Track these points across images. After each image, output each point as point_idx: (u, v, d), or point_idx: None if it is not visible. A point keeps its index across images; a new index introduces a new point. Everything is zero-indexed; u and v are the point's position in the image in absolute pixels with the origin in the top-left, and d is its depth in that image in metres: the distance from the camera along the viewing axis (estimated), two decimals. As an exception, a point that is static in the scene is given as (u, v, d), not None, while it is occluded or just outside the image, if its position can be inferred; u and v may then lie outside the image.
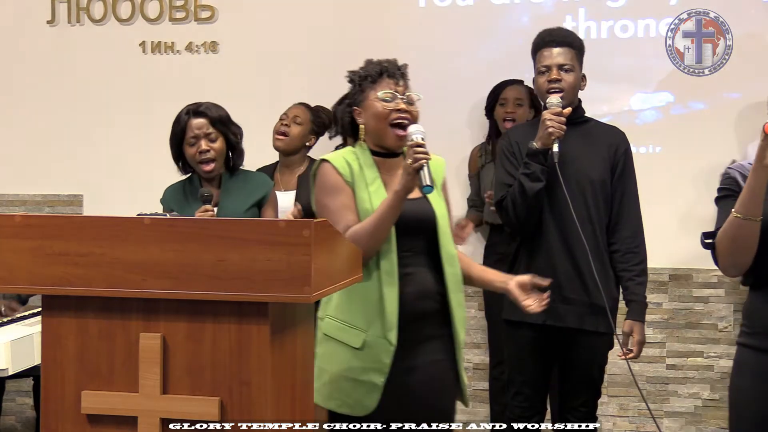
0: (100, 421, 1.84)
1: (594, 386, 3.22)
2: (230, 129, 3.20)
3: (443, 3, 4.53)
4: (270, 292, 1.75)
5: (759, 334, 2.40)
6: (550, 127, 3.01)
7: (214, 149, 3.14)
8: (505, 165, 3.22)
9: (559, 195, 3.04)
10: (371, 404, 2.55)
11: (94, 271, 1.81)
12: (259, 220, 1.93)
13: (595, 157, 3.16)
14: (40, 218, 1.89)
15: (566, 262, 3.12)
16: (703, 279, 4.36)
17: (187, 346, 1.81)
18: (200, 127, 3.15)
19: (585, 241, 3.00)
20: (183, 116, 3.20)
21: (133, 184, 4.73)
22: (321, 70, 4.49)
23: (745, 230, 2.29)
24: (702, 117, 4.36)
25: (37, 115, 4.89)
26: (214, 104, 3.23)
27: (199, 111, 3.18)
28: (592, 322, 3.12)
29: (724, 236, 2.35)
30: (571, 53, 3.15)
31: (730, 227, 2.32)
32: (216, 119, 3.16)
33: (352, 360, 2.56)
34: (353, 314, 2.57)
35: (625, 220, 3.18)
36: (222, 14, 4.75)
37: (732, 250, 2.34)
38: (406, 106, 2.60)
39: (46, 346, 1.87)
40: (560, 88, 3.09)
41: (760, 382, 2.39)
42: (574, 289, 3.12)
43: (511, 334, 3.25)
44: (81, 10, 4.84)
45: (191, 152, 3.15)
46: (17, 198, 4.96)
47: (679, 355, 4.39)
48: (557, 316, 3.11)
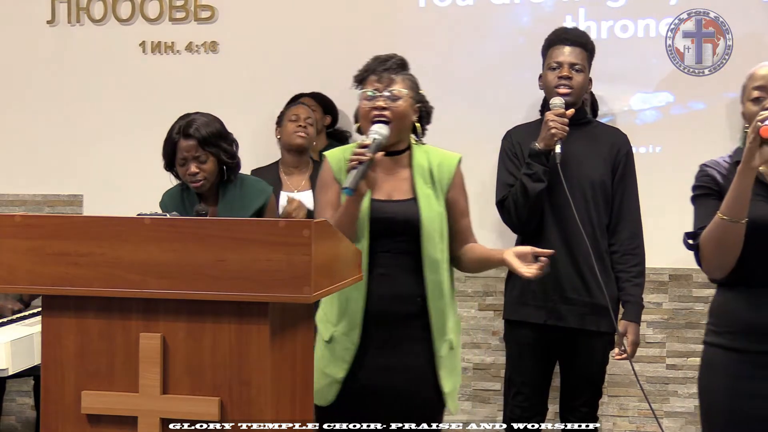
0: (100, 421, 1.84)
1: (595, 386, 3.22)
2: (221, 147, 3.10)
3: (443, 3, 4.53)
4: (270, 292, 1.75)
5: (729, 333, 2.39)
6: (552, 128, 3.01)
7: (204, 170, 3.08)
8: (507, 165, 3.22)
9: (561, 195, 3.05)
10: (330, 397, 2.58)
11: (94, 271, 1.81)
12: (259, 220, 1.93)
13: (597, 159, 3.17)
14: (40, 218, 1.89)
15: (567, 262, 3.12)
16: (703, 279, 4.35)
17: (187, 346, 1.81)
18: (189, 150, 3.07)
19: (587, 241, 3.01)
20: (174, 136, 3.13)
21: (133, 185, 4.72)
22: (321, 71, 4.49)
23: (731, 232, 2.28)
24: (702, 117, 4.36)
25: (37, 115, 4.89)
26: (205, 120, 3.12)
27: (187, 133, 3.08)
28: (593, 321, 3.13)
29: (709, 238, 2.33)
30: (583, 54, 3.17)
31: (715, 229, 2.31)
32: (205, 139, 3.06)
33: (323, 350, 2.60)
34: (330, 307, 2.60)
35: (625, 221, 3.19)
36: (222, 14, 4.75)
37: (717, 251, 2.33)
38: (385, 102, 2.54)
39: (46, 346, 1.87)
40: (570, 86, 3.10)
41: (730, 380, 2.38)
42: (574, 288, 3.12)
43: (511, 334, 3.26)
44: (81, 10, 4.84)
45: (182, 171, 3.12)
46: (17, 198, 4.96)
47: (679, 355, 4.39)
48: (558, 315, 3.12)
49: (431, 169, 2.64)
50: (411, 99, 2.61)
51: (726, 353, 2.39)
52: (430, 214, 2.58)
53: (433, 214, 2.58)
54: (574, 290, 3.12)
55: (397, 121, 2.56)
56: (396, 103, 2.56)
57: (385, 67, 2.60)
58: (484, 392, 4.45)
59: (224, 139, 3.14)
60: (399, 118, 2.56)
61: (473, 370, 4.51)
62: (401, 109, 2.57)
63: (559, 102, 3.06)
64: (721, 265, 2.35)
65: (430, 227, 2.56)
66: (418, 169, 2.63)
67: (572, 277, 3.12)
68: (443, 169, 2.64)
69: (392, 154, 2.63)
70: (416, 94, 2.64)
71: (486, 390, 4.38)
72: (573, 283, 3.12)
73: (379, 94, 2.56)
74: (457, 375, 2.70)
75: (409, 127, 2.65)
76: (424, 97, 2.70)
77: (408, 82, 2.62)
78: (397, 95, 2.56)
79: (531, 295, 3.16)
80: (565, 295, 3.11)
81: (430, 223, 2.57)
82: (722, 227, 2.28)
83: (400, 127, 2.59)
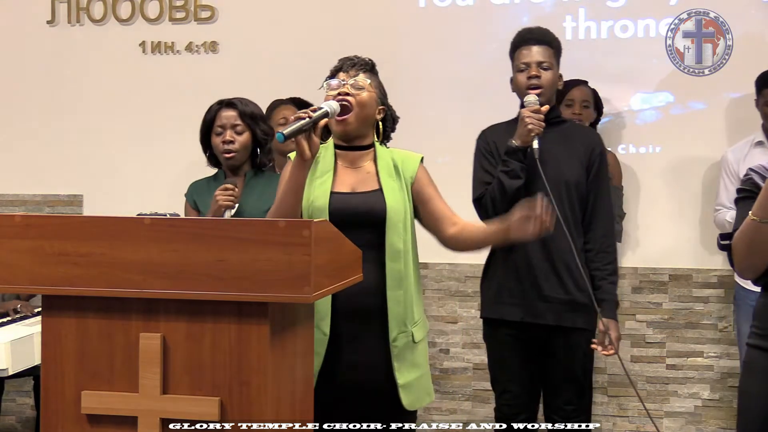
0: (100, 421, 1.84)
1: (577, 383, 3.22)
2: (259, 125, 3.23)
3: (443, 3, 4.53)
4: (270, 292, 1.75)
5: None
6: (529, 124, 3.05)
7: (239, 141, 3.18)
8: (483, 164, 3.26)
9: (537, 192, 3.08)
10: None
11: (94, 271, 1.81)
12: (259, 220, 1.93)
13: (572, 158, 3.20)
14: (40, 218, 1.89)
15: (543, 259, 3.15)
16: (703, 279, 4.36)
17: (186, 346, 1.81)
18: (228, 118, 3.20)
19: (570, 237, 3.02)
20: (214, 107, 3.26)
21: (133, 184, 4.73)
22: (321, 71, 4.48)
23: (762, 233, 2.27)
24: (702, 117, 4.36)
25: (37, 115, 4.90)
26: (250, 101, 3.29)
27: (231, 102, 3.24)
28: (570, 318, 3.15)
29: (740, 239, 2.33)
30: (549, 52, 3.20)
31: (746, 230, 2.30)
32: (245, 113, 3.20)
33: None
34: None
35: (598, 220, 3.22)
36: (222, 14, 4.75)
37: (749, 252, 2.32)
38: (348, 89, 2.59)
39: (46, 346, 1.87)
40: (539, 85, 3.14)
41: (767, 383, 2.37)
42: (551, 286, 3.14)
43: (491, 333, 3.27)
44: (81, 10, 4.85)
45: (216, 141, 3.20)
46: (17, 198, 4.96)
47: (679, 355, 4.39)
48: (535, 313, 3.14)
49: (395, 164, 2.68)
50: (374, 93, 2.66)
51: (764, 355, 2.39)
52: (395, 205, 2.60)
53: (398, 204, 2.61)
54: (551, 288, 3.14)
55: (358, 109, 2.60)
56: (358, 91, 2.61)
57: (352, 63, 2.67)
58: (483, 392, 4.45)
59: (263, 120, 3.29)
60: (360, 106, 2.61)
61: (473, 370, 4.52)
62: (363, 98, 2.62)
63: (533, 99, 3.10)
64: (753, 265, 2.34)
65: (395, 217, 2.58)
66: (383, 163, 2.67)
67: (548, 274, 3.14)
68: (407, 165, 2.68)
69: (356, 149, 2.67)
70: (381, 94, 2.70)
71: (486, 390, 4.38)
72: (549, 280, 3.14)
73: (344, 83, 2.61)
74: (418, 370, 2.64)
75: (372, 122, 2.69)
76: (389, 105, 2.75)
77: (374, 80, 2.68)
78: (360, 85, 2.62)
79: (507, 293, 3.18)
80: (542, 293, 3.14)
81: (395, 213, 2.59)
82: (753, 228, 2.28)
83: (360, 116, 2.62)
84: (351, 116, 2.60)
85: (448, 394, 4.60)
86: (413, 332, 2.61)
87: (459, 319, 4.58)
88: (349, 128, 2.62)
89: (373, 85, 2.66)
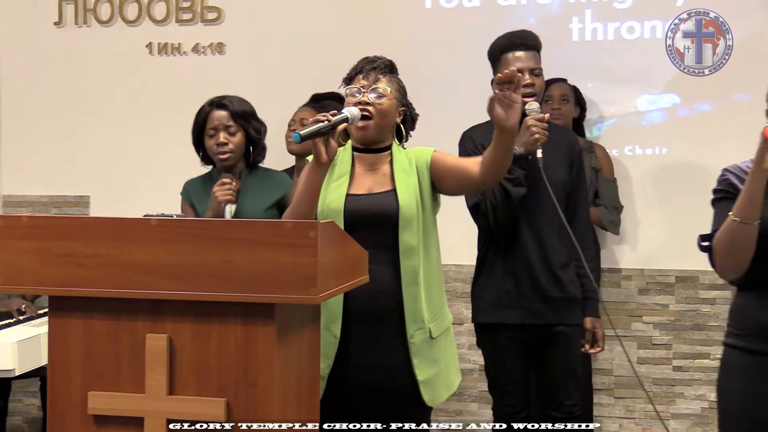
0: (106, 422, 1.84)
1: (575, 377, 3.22)
2: (251, 124, 3.20)
3: (450, 4, 4.53)
4: (276, 293, 1.75)
5: (748, 335, 2.39)
6: (536, 134, 3.02)
7: (233, 142, 3.16)
8: None
9: (532, 198, 3.08)
10: None
11: (100, 272, 1.81)
12: (266, 222, 1.93)
13: (559, 159, 3.19)
14: (47, 219, 1.90)
15: (540, 260, 3.14)
16: (709, 281, 4.35)
17: (193, 347, 1.81)
18: (220, 119, 3.16)
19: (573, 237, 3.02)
20: (206, 107, 3.23)
21: (139, 185, 4.73)
22: (327, 72, 4.48)
23: (743, 233, 2.28)
24: (708, 118, 4.35)
25: (44, 116, 4.90)
26: (239, 98, 3.25)
27: (221, 103, 3.20)
28: (569, 315, 3.16)
29: (721, 239, 2.34)
30: (537, 57, 3.17)
31: (727, 230, 2.31)
32: (237, 113, 3.17)
33: None
34: None
35: (578, 217, 3.24)
36: (228, 16, 4.76)
37: (730, 253, 2.33)
38: (368, 98, 2.58)
39: (52, 346, 1.87)
40: (533, 93, 3.10)
41: (748, 383, 2.38)
42: (549, 286, 3.14)
43: (487, 338, 3.25)
44: (88, 11, 4.85)
45: (210, 143, 3.18)
46: (24, 199, 4.97)
47: (686, 356, 4.38)
48: (535, 314, 3.14)
49: (410, 159, 2.68)
50: (395, 99, 2.65)
51: (742, 355, 2.40)
52: (409, 202, 2.59)
53: (412, 201, 2.59)
54: (550, 288, 3.14)
55: (378, 118, 2.60)
56: (380, 100, 2.60)
57: (372, 67, 2.65)
58: (485, 393, 4.44)
59: (255, 118, 3.25)
60: (381, 115, 2.60)
61: (479, 371, 4.51)
62: (384, 107, 2.61)
63: (536, 107, 3.07)
64: (734, 266, 2.35)
65: (408, 213, 2.57)
66: (398, 164, 2.67)
67: (546, 275, 3.14)
68: (421, 156, 2.68)
69: (374, 151, 2.67)
70: (401, 96, 2.69)
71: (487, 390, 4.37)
72: (547, 280, 3.14)
73: (365, 90, 2.60)
74: (438, 366, 2.65)
75: (392, 127, 2.68)
76: (409, 103, 2.74)
77: (394, 84, 2.66)
78: (381, 93, 2.61)
79: (506, 296, 3.17)
80: (542, 294, 3.13)
81: (408, 210, 2.58)
82: (734, 229, 2.29)
83: (381, 124, 2.62)
84: (371, 124, 2.60)
85: (454, 396, 4.55)
86: (431, 328, 2.61)
87: (465, 320, 4.57)
88: (369, 135, 2.63)
89: (393, 90, 2.64)
